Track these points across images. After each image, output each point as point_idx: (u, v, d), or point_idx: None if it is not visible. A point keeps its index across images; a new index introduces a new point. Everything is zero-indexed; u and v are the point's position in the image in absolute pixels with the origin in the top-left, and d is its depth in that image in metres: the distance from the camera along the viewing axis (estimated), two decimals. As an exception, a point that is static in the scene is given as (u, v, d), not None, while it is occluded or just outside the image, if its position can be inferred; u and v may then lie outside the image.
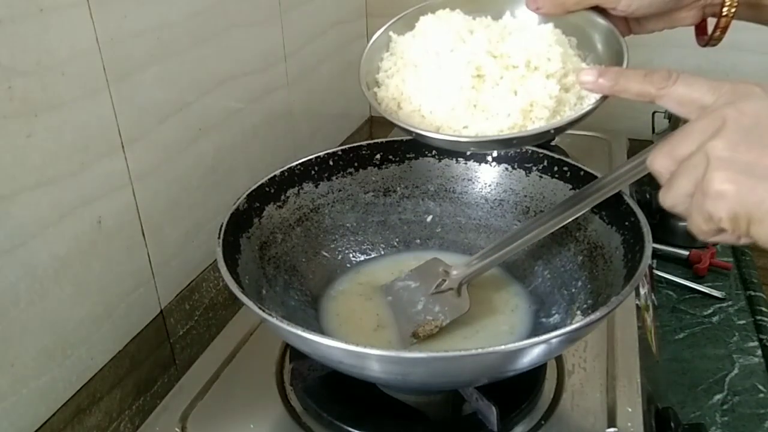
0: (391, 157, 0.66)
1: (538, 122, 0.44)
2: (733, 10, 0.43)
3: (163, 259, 0.63)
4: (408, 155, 0.66)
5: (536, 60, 0.45)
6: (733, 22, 0.45)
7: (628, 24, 0.48)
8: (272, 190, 0.60)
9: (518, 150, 0.63)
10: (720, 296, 0.86)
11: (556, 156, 0.61)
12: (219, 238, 0.50)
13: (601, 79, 0.41)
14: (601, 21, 0.46)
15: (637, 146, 1.04)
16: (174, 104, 0.62)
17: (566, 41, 0.47)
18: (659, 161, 0.37)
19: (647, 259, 0.46)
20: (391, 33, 0.51)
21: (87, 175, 0.52)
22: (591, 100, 0.44)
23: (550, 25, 0.47)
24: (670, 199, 0.37)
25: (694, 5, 0.43)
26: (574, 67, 0.45)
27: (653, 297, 0.76)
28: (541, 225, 0.53)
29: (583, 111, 0.43)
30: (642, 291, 0.69)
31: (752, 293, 0.87)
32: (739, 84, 0.36)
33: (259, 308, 0.43)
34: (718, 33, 0.45)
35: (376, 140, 0.65)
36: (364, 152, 0.65)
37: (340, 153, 0.64)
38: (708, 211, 0.35)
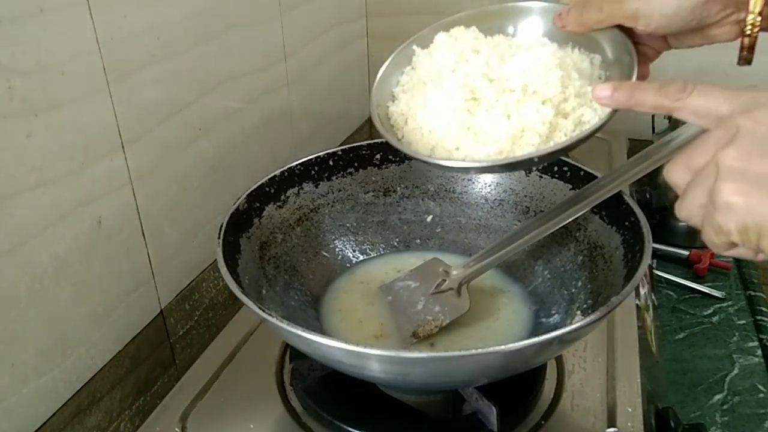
0: (391, 157, 0.66)
1: (527, 148, 0.44)
2: (756, 29, 0.42)
3: (163, 259, 0.63)
4: (408, 155, 0.66)
5: (534, 84, 0.44)
6: None
7: (666, 40, 0.48)
8: (272, 190, 0.60)
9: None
10: (720, 296, 0.86)
11: (556, 156, 0.61)
12: (219, 238, 0.50)
13: (617, 93, 0.41)
14: (621, 37, 0.46)
15: (637, 146, 1.04)
16: (174, 104, 0.62)
17: (571, 64, 0.45)
18: (676, 172, 0.37)
19: (647, 259, 0.46)
20: (414, 47, 0.51)
21: (87, 175, 0.52)
22: (586, 127, 0.44)
23: (553, 47, 0.46)
24: (684, 211, 0.37)
25: (724, 22, 0.42)
26: (577, 91, 0.44)
27: (653, 297, 0.76)
28: (541, 225, 0.53)
29: (569, 141, 0.43)
30: (642, 291, 0.69)
31: (752, 293, 0.87)
32: (759, 93, 0.35)
33: (259, 308, 0.43)
34: (744, 53, 0.43)
35: (376, 140, 0.65)
36: (364, 152, 0.65)
37: (340, 153, 0.64)
38: (718, 223, 0.34)
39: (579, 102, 0.44)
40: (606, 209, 0.54)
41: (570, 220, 0.53)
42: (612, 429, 0.50)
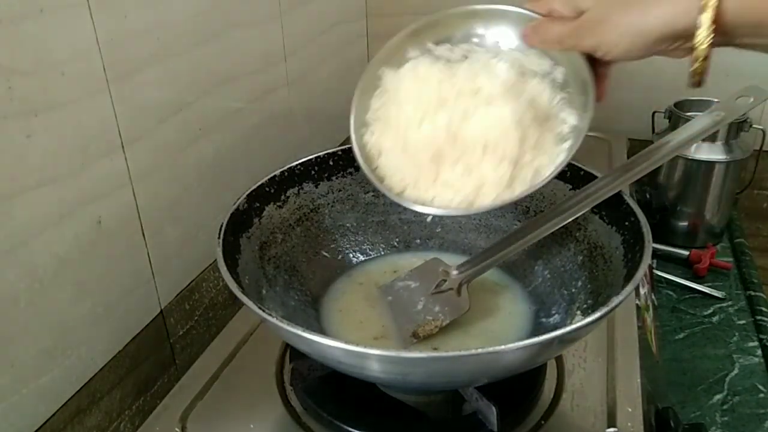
0: (391, 157, 0.66)
1: (489, 196, 0.46)
2: (705, 66, 0.41)
3: (163, 259, 0.63)
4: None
5: (493, 144, 0.46)
6: None
7: None
8: (272, 190, 0.60)
9: None
10: (720, 296, 0.86)
11: (556, 156, 0.61)
12: (219, 238, 0.50)
13: None
14: (579, 60, 0.46)
15: (637, 146, 1.04)
16: (174, 104, 0.62)
17: (529, 119, 0.46)
18: None
19: (647, 259, 0.46)
20: (384, 68, 0.52)
21: (87, 175, 0.52)
22: (546, 172, 0.46)
23: (511, 107, 0.46)
24: None
25: (679, 48, 0.42)
26: (534, 143, 0.46)
27: (653, 297, 0.76)
28: (541, 225, 0.53)
29: (528, 191, 0.46)
30: (642, 291, 0.69)
31: (752, 293, 0.87)
32: None
33: (259, 308, 0.43)
34: (695, 79, 0.43)
35: (376, 140, 0.65)
36: (364, 152, 0.65)
37: (340, 153, 0.64)
38: None
39: (535, 153, 0.46)
40: (606, 209, 0.54)
41: (570, 220, 0.53)
42: (612, 429, 0.50)
